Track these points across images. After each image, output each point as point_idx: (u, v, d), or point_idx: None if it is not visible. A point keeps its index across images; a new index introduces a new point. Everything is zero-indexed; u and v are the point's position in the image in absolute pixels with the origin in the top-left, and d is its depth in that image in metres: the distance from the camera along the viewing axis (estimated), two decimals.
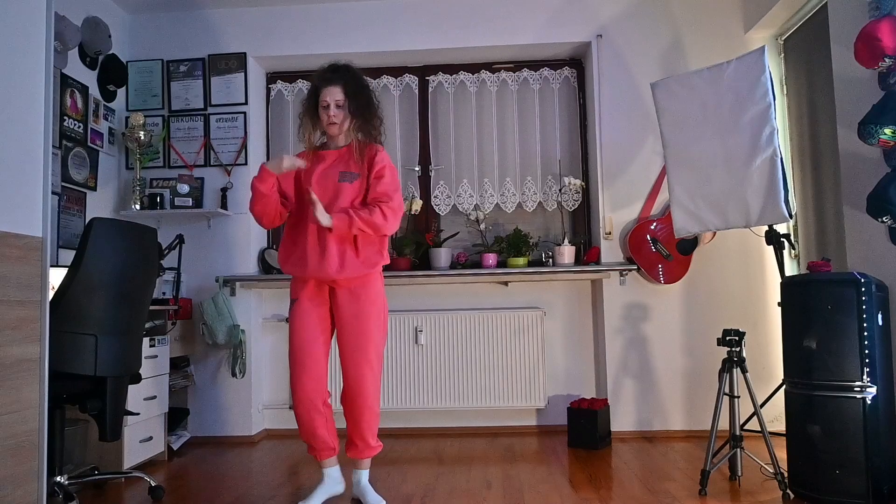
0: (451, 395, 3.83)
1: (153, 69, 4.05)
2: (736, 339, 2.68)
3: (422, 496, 2.64)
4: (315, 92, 2.51)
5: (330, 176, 2.51)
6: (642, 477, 2.87)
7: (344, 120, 2.49)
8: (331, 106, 2.46)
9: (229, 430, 3.84)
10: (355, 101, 2.49)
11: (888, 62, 2.43)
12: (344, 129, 2.51)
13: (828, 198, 3.30)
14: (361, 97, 2.51)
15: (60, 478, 2.56)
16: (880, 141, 2.45)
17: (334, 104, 2.46)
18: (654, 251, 3.66)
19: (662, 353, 3.75)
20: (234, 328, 3.76)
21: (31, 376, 1.89)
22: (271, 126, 4.26)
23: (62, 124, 3.42)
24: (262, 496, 2.70)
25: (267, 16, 4.03)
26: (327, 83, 2.48)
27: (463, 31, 3.95)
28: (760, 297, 3.72)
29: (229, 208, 3.93)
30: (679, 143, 3.02)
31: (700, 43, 3.84)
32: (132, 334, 2.64)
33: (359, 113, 2.50)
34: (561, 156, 4.12)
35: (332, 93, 2.47)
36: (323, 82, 2.49)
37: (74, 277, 2.35)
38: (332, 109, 2.47)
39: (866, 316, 2.37)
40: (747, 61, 2.82)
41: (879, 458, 2.35)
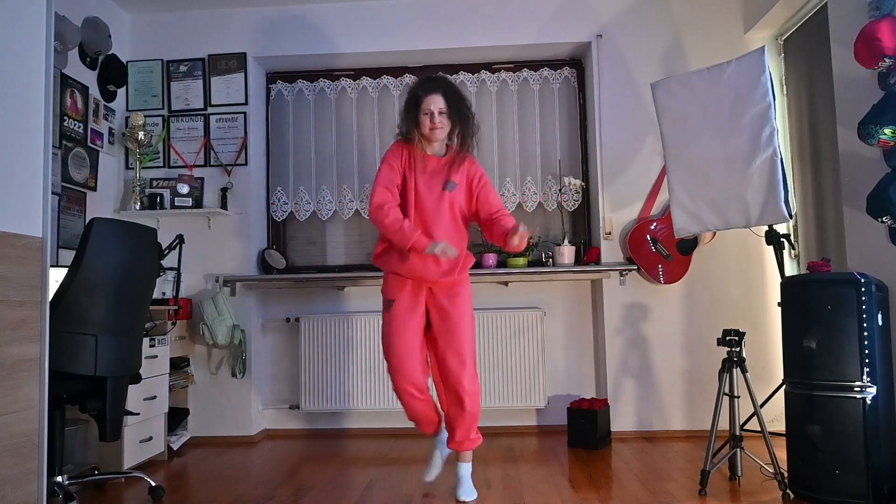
0: None
1: (153, 69, 4.05)
2: (736, 339, 2.68)
3: (422, 496, 2.64)
4: (416, 100, 2.61)
5: (434, 184, 2.61)
6: (642, 477, 2.87)
7: (445, 127, 2.59)
8: (434, 114, 2.56)
9: (229, 430, 3.84)
10: (457, 110, 2.60)
11: (888, 62, 2.43)
12: (443, 136, 2.62)
13: (828, 198, 3.30)
14: (462, 106, 2.63)
15: (60, 478, 2.56)
16: (880, 141, 2.45)
17: (437, 111, 2.56)
18: (654, 251, 3.66)
19: (662, 353, 3.75)
20: (234, 328, 3.76)
21: (31, 376, 1.89)
22: (271, 126, 4.26)
23: (62, 124, 3.42)
24: (262, 496, 2.70)
25: (267, 16, 4.03)
26: (429, 91, 2.59)
27: (463, 31, 3.95)
28: (760, 297, 3.72)
29: (229, 208, 3.93)
30: (679, 143, 3.02)
31: (700, 43, 3.84)
32: (132, 334, 2.64)
33: (460, 122, 2.61)
34: (561, 156, 4.12)
35: (436, 101, 2.57)
36: (425, 91, 2.60)
37: (74, 277, 2.35)
38: (436, 117, 2.57)
39: (866, 316, 2.37)
40: (747, 61, 2.82)
41: (879, 458, 2.35)
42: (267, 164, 4.22)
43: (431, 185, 2.60)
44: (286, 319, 4.05)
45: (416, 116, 2.59)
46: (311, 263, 4.22)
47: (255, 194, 4.02)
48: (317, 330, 3.93)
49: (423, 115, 2.57)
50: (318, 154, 4.20)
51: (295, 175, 4.21)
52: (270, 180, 4.22)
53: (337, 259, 4.23)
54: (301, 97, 4.24)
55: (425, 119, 2.57)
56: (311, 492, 2.75)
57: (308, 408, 3.90)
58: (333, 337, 3.91)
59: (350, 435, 3.89)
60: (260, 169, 4.13)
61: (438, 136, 2.59)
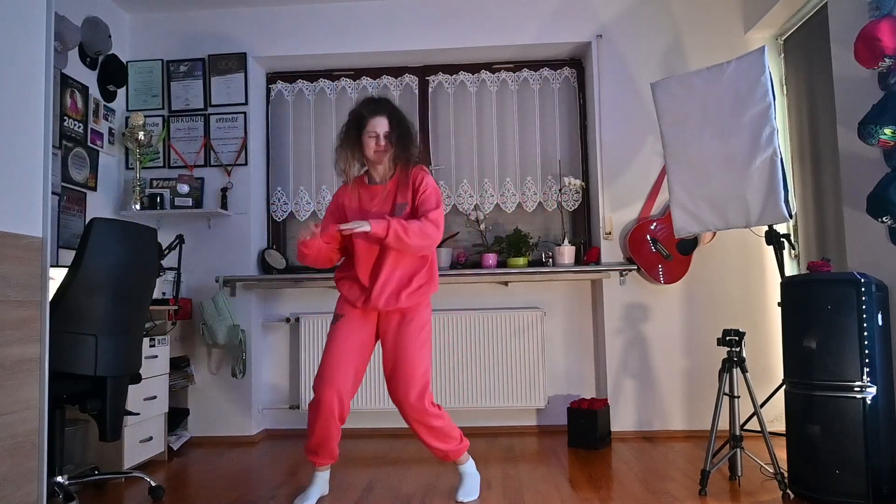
0: (451, 395, 3.83)
1: (153, 69, 4.05)
2: (736, 339, 2.68)
3: (422, 496, 2.64)
4: (359, 122, 2.55)
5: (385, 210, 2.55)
6: (642, 477, 2.87)
7: (387, 150, 2.53)
8: (379, 136, 2.50)
9: (229, 430, 3.84)
10: (398, 132, 2.54)
11: (888, 62, 2.43)
12: (386, 159, 2.55)
13: (828, 198, 3.30)
14: (404, 128, 2.57)
15: (60, 478, 2.56)
16: (880, 141, 2.45)
17: (383, 135, 2.51)
18: (654, 251, 3.66)
19: (662, 353, 3.75)
20: (234, 328, 3.76)
21: (31, 376, 1.89)
22: (271, 126, 4.26)
23: (62, 124, 3.42)
24: (262, 496, 2.70)
25: (267, 16, 4.03)
26: (373, 114, 2.53)
27: (463, 31, 3.95)
28: (760, 297, 3.72)
29: (229, 208, 3.93)
30: (679, 143, 3.02)
31: (700, 43, 3.84)
32: (132, 334, 2.64)
33: (400, 143, 2.54)
34: (561, 156, 4.12)
35: (380, 124, 2.51)
36: (370, 113, 2.53)
37: (74, 277, 2.35)
38: (380, 140, 2.51)
39: (866, 316, 2.37)
40: (747, 61, 2.82)
41: (879, 458, 2.35)
42: (267, 164, 4.22)
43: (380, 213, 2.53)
44: (286, 319, 4.05)
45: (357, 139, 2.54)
46: None
47: (255, 194, 4.02)
48: (317, 330, 3.93)
49: (368, 136, 2.51)
50: (318, 154, 4.20)
51: (295, 175, 4.21)
52: (270, 180, 4.22)
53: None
54: (301, 97, 4.24)
55: (370, 141, 2.51)
56: None
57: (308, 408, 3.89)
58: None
59: (350, 435, 3.89)
60: (260, 169, 4.13)
61: (379, 159, 2.53)
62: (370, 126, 2.51)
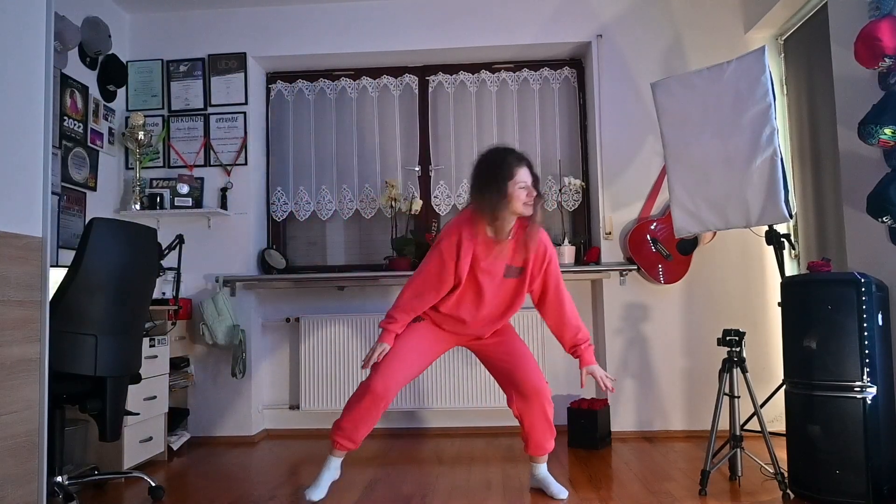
0: (451, 395, 3.83)
1: (153, 69, 4.05)
2: (736, 339, 2.67)
3: (422, 496, 2.64)
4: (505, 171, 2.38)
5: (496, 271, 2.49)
6: (642, 477, 2.87)
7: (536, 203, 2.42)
8: (529, 188, 2.39)
9: (229, 430, 3.84)
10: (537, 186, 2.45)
11: (888, 62, 2.43)
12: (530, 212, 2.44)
13: (828, 198, 3.30)
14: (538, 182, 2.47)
15: (60, 478, 2.56)
16: (880, 141, 2.45)
17: (532, 185, 2.40)
18: (654, 251, 3.66)
19: (662, 353, 3.75)
20: (234, 328, 3.76)
21: (31, 376, 1.89)
22: (271, 126, 4.26)
23: (62, 124, 3.42)
24: (262, 496, 2.70)
25: (267, 16, 4.03)
26: (520, 163, 2.41)
27: (463, 31, 3.95)
28: (760, 297, 3.72)
29: (229, 208, 3.93)
30: (679, 143, 3.02)
31: (700, 43, 3.84)
32: (132, 334, 2.64)
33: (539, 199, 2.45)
34: (561, 156, 4.12)
35: (526, 175, 2.40)
36: (517, 162, 2.41)
37: (74, 277, 2.35)
38: (531, 192, 2.40)
39: (866, 316, 2.37)
40: (747, 61, 2.82)
41: (879, 458, 2.35)
42: (267, 164, 4.22)
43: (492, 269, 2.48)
44: (286, 319, 4.05)
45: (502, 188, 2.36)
46: (311, 263, 4.22)
47: (255, 194, 4.02)
48: (317, 330, 3.93)
49: (518, 187, 2.36)
50: (318, 154, 4.20)
51: (295, 175, 4.21)
52: (270, 180, 4.22)
53: (337, 259, 4.23)
54: (301, 97, 4.24)
55: (521, 193, 2.37)
56: None
57: (308, 408, 3.90)
58: (333, 337, 3.91)
59: None
60: (260, 169, 4.13)
61: (528, 212, 2.42)
62: (520, 176, 2.38)
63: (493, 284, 2.51)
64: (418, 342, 2.56)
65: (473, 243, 2.46)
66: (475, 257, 2.47)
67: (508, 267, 2.50)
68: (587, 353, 2.56)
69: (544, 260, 2.52)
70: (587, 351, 2.56)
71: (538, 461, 2.67)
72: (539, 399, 2.56)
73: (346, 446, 2.54)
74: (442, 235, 2.52)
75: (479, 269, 2.48)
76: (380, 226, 4.18)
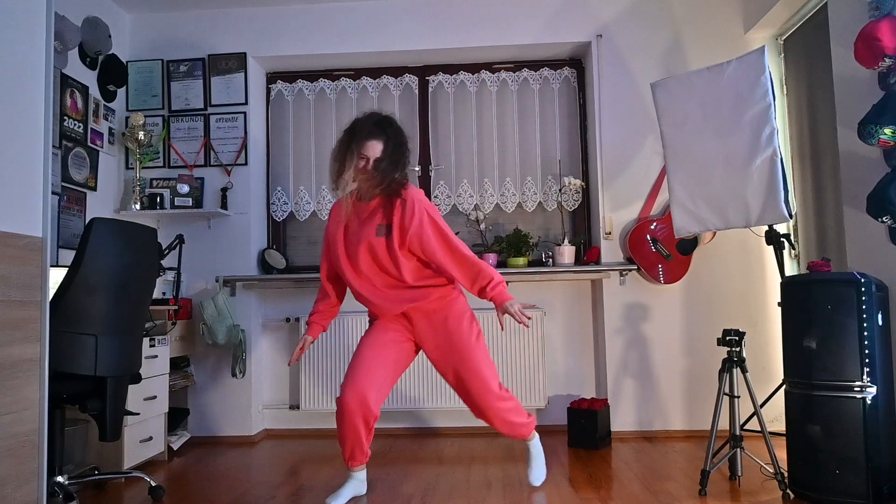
0: (451, 395, 3.82)
1: (153, 69, 4.05)
2: (736, 339, 2.67)
3: (422, 496, 2.64)
4: (352, 137, 2.49)
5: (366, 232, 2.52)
6: (642, 477, 2.87)
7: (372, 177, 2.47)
8: (369, 161, 2.46)
9: (229, 430, 3.84)
10: (391, 160, 2.47)
11: (888, 62, 2.43)
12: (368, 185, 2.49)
13: (828, 198, 3.30)
14: (397, 156, 2.49)
15: (60, 478, 2.56)
16: (880, 141, 2.45)
17: (373, 160, 2.45)
18: (654, 251, 3.66)
19: (662, 353, 3.75)
20: (234, 328, 3.76)
21: (31, 376, 1.89)
22: (271, 126, 4.26)
23: (62, 124, 3.42)
24: (262, 496, 2.70)
25: (267, 16, 4.03)
26: (370, 136, 2.46)
27: (463, 31, 3.95)
28: (760, 297, 3.72)
29: (229, 208, 3.93)
30: (679, 143, 3.02)
31: (700, 43, 3.84)
32: (132, 334, 2.64)
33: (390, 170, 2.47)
34: (561, 156, 4.12)
35: (373, 148, 2.46)
36: (367, 134, 2.47)
37: (74, 277, 2.35)
38: (368, 164, 2.46)
39: (866, 316, 2.37)
40: (747, 61, 2.82)
41: (879, 458, 2.35)
42: (267, 164, 4.23)
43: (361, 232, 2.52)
44: (286, 319, 4.05)
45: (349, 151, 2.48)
46: (311, 263, 4.22)
47: (255, 194, 4.02)
48: None
49: (359, 156, 2.46)
50: (318, 154, 4.20)
51: (295, 175, 4.21)
52: (270, 180, 4.23)
53: None
54: (301, 97, 4.25)
55: (360, 161, 2.47)
56: (311, 492, 2.75)
57: (308, 408, 3.90)
58: (333, 337, 3.91)
59: None
60: (260, 169, 4.13)
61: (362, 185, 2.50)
62: (362, 149, 2.46)
63: (366, 247, 2.50)
64: (367, 348, 2.56)
65: (343, 211, 2.57)
66: (347, 225, 2.57)
67: (379, 226, 2.51)
68: (495, 292, 2.48)
69: (413, 208, 2.48)
70: (495, 290, 2.48)
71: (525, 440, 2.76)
72: (489, 415, 2.58)
73: (357, 461, 2.57)
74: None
75: (350, 234, 2.55)
76: None
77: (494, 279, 2.50)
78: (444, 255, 2.50)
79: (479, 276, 2.50)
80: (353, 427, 2.46)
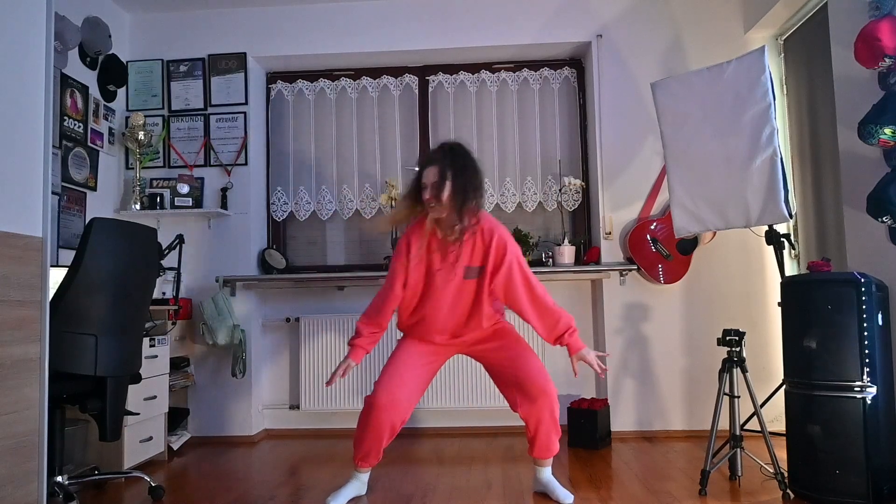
0: (451, 395, 3.83)
1: (153, 69, 4.05)
2: (736, 339, 2.67)
3: (422, 496, 2.64)
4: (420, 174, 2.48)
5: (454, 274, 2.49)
6: (642, 477, 2.87)
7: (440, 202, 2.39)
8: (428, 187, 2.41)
9: (229, 430, 3.84)
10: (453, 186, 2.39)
11: (888, 62, 2.43)
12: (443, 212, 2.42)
13: (828, 198, 3.30)
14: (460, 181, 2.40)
15: (60, 478, 2.56)
16: (880, 141, 2.45)
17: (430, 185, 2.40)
18: (654, 251, 3.66)
19: (662, 353, 3.75)
20: (234, 328, 3.76)
21: (31, 376, 1.89)
22: (271, 126, 4.26)
23: (62, 124, 3.42)
24: (262, 496, 2.70)
25: (267, 16, 4.03)
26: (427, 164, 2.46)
27: (463, 31, 3.95)
28: (760, 297, 3.72)
29: (229, 208, 3.93)
30: (679, 143, 3.02)
31: (700, 43, 3.84)
32: (132, 334, 2.64)
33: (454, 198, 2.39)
34: (561, 156, 4.12)
35: (430, 174, 2.42)
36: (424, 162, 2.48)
37: (74, 277, 2.35)
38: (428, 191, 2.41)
39: (866, 316, 2.37)
40: (747, 61, 2.82)
41: (879, 458, 2.35)
42: (267, 164, 4.23)
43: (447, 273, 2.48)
44: (286, 319, 4.05)
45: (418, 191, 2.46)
46: (311, 263, 4.22)
47: (255, 194, 4.02)
48: (317, 330, 3.93)
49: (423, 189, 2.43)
50: (318, 154, 4.20)
51: (295, 175, 4.21)
52: (270, 180, 4.23)
53: (337, 259, 4.23)
54: (301, 97, 4.25)
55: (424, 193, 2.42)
56: (311, 492, 2.75)
57: (308, 408, 3.90)
58: (333, 337, 3.91)
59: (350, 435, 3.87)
60: (260, 169, 4.13)
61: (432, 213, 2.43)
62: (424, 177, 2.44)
63: (451, 287, 2.50)
64: (407, 356, 2.56)
65: (426, 249, 2.50)
66: (430, 262, 2.50)
67: (468, 269, 2.49)
68: (572, 339, 2.50)
69: (503, 254, 2.47)
70: (572, 337, 2.50)
71: (542, 464, 2.64)
72: (546, 400, 2.50)
73: (369, 463, 2.58)
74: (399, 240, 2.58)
75: (435, 273, 2.49)
76: None
77: (572, 326, 2.51)
78: (526, 302, 2.50)
79: (557, 325, 2.50)
80: (378, 427, 2.46)
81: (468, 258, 2.48)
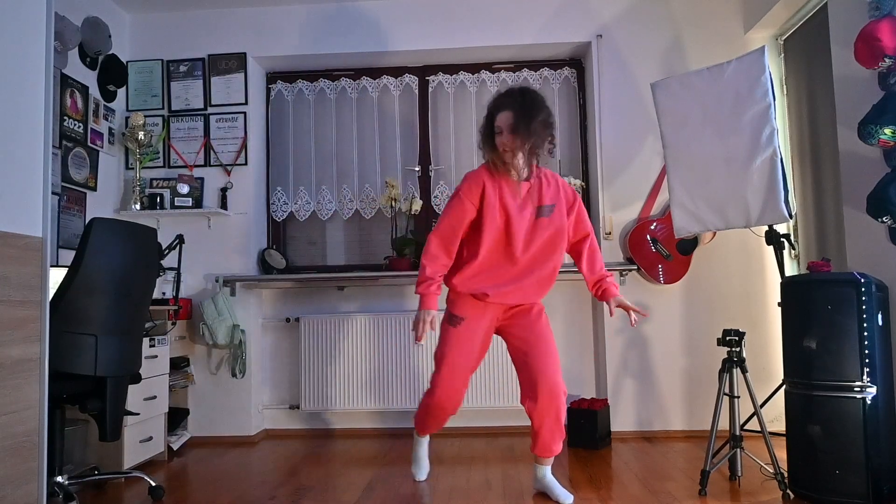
0: None
1: (153, 69, 4.05)
2: (736, 339, 2.68)
3: (422, 496, 2.64)
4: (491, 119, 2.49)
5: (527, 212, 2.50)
6: (642, 477, 2.87)
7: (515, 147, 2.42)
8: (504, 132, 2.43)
9: (229, 430, 3.84)
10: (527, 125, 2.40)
11: (888, 62, 2.43)
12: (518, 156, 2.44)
13: (828, 198, 3.30)
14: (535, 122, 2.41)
15: (60, 478, 2.56)
16: (880, 141, 2.45)
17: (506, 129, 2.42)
18: (654, 251, 3.66)
19: (662, 353, 3.75)
20: (234, 328, 3.76)
21: (31, 376, 1.89)
22: (271, 126, 4.26)
23: (62, 124, 3.42)
24: (262, 496, 2.70)
25: (267, 16, 4.03)
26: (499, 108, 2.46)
27: (463, 31, 3.95)
28: (760, 297, 3.72)
29: (229, 208, 3.93)
30: (679, 143, 3.02)
31: (700, 43, 3.84)
32: (132, 334, 2.64)
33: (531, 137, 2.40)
34: (561, 156, 4.12)
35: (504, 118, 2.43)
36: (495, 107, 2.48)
37: (74, 277, 2.35)
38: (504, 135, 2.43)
39: (866, 316, 2.37)
40: (747, 61, 2.82)
41: (879, 458, 2.35)
42: (267, 164, 4.23)
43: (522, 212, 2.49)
44: (286, 319, 4.05)
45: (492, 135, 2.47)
46: (311, 263, 4.22)
47: (255, 194, 4.02)
48: (317, 330, 3.93)
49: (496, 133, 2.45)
50: (318, 154, 4.20)
51: (295, 175, 4.21)
52: (270, 180, 4.23)
53: (337, 259, 4.23)
54: (301, 97, 4.25)
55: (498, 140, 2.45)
56: (311, 492, 2.75)
57: (308, 408, 3.90)
58: (333, 337, 3.91)
59: (350, 435, 3.89)
60: (260, 169, 4.13)
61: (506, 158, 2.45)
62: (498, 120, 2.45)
63: (525, 226, 2.50)
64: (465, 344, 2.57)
65: (498, 186, 2.50)
66: (504, 201, 2.49)
67: (540, 208, 2.52)
68: (612, 286, 2.63)
69: (574, 193, 2.64)
70: (612, 284, 2.63)
71: (543, 462, 2.63)
72: (552, 398, 2.47)
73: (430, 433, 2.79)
74: (461, 183, 2.54)
75: (510, 213, 2.48)
76: (380, 226, 4.18)
77: (612, 275, 2.68)
78: (587, 243, 2.66)
79: (602, 270, 2.66)
80: (441, 418, 2.64)
81: (539, 197, 2.52)
